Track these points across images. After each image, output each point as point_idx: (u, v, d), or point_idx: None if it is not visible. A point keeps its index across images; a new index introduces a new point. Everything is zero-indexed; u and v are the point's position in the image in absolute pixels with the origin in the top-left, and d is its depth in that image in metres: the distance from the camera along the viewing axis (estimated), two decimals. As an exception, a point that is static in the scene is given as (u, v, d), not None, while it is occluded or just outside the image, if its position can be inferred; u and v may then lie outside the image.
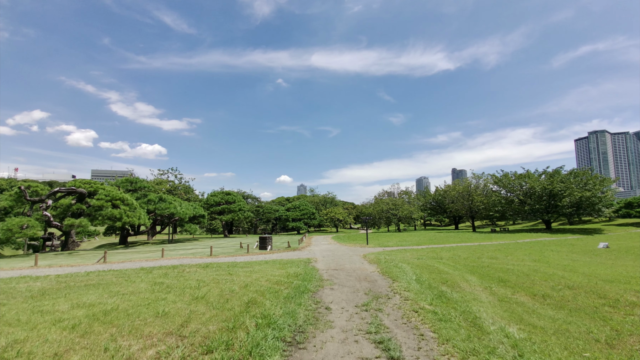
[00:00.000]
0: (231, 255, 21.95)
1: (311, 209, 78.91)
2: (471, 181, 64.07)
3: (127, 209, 28.53)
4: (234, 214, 57.05)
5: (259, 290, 9.93)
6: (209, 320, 6.96)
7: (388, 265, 15.84)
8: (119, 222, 27.84)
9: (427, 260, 17.28)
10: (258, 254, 23.50)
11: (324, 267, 15.73)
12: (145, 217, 30.22)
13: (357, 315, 7.74)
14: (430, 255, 20.11)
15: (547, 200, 49.36)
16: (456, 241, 34.68)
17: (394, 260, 17.79)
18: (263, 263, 16.85)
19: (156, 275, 12.69)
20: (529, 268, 14.03)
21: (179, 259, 19.67)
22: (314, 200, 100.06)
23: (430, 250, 23.39)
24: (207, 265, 15.87)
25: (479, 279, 11.73)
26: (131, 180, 39.80)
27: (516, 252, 21.02)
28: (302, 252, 25.41)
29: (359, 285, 11.41)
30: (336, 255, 21.61)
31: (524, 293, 9.62)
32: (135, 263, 17.62)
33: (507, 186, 54.81)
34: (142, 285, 10.68)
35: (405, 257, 19.46)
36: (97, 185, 30.31)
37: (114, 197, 28.26)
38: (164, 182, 70.13)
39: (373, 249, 27.95)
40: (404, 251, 23.50)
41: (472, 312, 7.58)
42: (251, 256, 21.53)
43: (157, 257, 20.85)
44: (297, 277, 12.54)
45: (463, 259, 17.89)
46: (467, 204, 62.13)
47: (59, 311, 7.62)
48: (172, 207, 37.18)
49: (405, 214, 68.74)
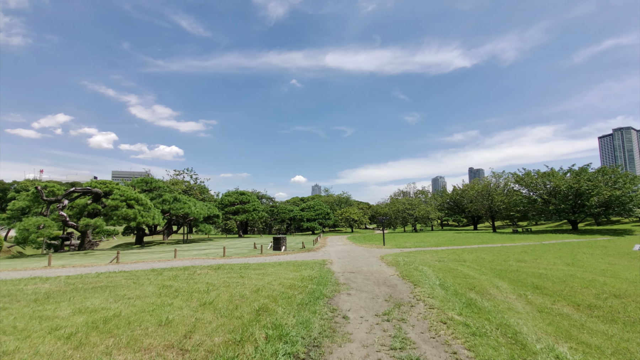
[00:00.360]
0: (244, 256, 21.47)
1: (326, 209, 78.17)
2: (491, 180, 61.83)
3: (141, 208, 28.57)
4: (248, 214, 56.92)
5: (271, 295, 9.28)
6: (215, 331, 6.33)
7: (408, 267, 14.95)
8: (133, 222, 27.91)
9: (449, 263, 16.28)
10: (272, 255, 22.95)
11: (340, 270, 14.98)
12: (159, 217, 30.23)
13: (378, 326, 6.97)
14: (451, 257, 19.05)
15: (573, 200, 47.02)
16: (477, 242, 33.27)
17: (413, 262, 16.87)
18: (276, 265, 16.24)
19: (166, 278, 12.24)
20: (564, 273, 12.87)
21: (192, 259, 19.31)
22: (329, 200, 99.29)
23: (451, 252, 22.28)
24: (218, 267, 15.37)
25: (511, 285, 10.73)
26: (146, 180, 40.09)
27: (545, 255, 19.69)
28: (317, 253, 24.72)
29: (378, 290, 10.61)
30: (352, 257, 20.82)
31: (565, 302, 8.60)
32: (147, 264, 17.34)
33: (529, 185, 52.56)
34: (150, 288, 10.20)
35: (425, 259, 18.49)
36: (112, 185, 30.55)
37: (128, 197, 28.36)
38: (179, 183, 70.86)
39: (390, 250, 27.00)
40: (423, 253, 22.48)
41: (510, 326, 6.68)
42: (264, 257, 20.99)
43: (169, 257, 20.58)
44: (311, 280, 11.84)
45: (488, 261, 16.79)
46: (486, 204, 60.01)
47: (59, 317, 7.17)
48: (186, 207, 37.19)
49: (422, 214, 67.13)
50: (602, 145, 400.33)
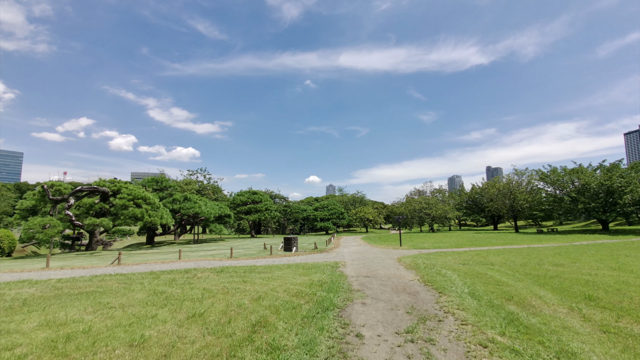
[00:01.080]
0: (252, 258, 20.35)
1: (340, 208, 76.68)
2: (513, 177, 58.89)
3: (149, 208, 27.88)
4: (261, 214, 56.02)
5: (273, 305, 8.01)
6: (196, 355, 5.09)
7: (429, 272, 13.44)
8: (140, 221, 27.27)
9: (475, 267, 14.64)
10: (282, 256, 21.75)
11: (354, 274, 13.60)
12: (168, 216, 29.54)
13: (400, 349, 5.57)
14: (476, 259, 17.35)
15: (604, 198, 43.98)
16: (500, 243, 31.18)
17: (434, 265, 15.31)
18: (285, 267, 14.99)
19: (161, 282, 11.15)
20: (614, 280, 11.09)
21: (197, 261, 18.30)
22: (343, 199, 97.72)
23: (475, 254, 20.51)
24: (222, 269, 14.24)
25: (556, 295, 9.10)
26: (157, 179, 39.66)
27: (583, 258, 17.71)
28: (330, 254, 23.38)
29: (397, 299, 9.19)
30: (367, 259, 19.38)
31: (632, 319, 6.97)
32: (148, 266, 16.40)
33: (555, 183, 49.60)
34: (139, 295, 9.10)
35: (447, 261, 16.87)
36: (121, 184, 30.06)
37: (136, 196, 27.73)
38: (192, 183, 70.81)
39: (407, 251, 25.39)
40: (443, 254, 20.80)
41: (575, 354, 5.16)
42: (274, 259, 19.80)
43: (174, 258, 19.66)
44: (321, 286, 10.53)
45: (519, 265, 15.05)
46: (508, 203, 57.19)
47: (20, 332, 6.09)
48: (196, 206, 36.46)
49: (439, 213, 64.78)
50: (628, 141, 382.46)
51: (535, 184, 55.81)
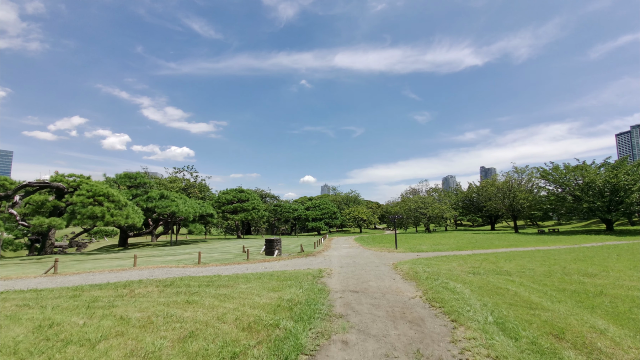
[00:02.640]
0: (224, 264, 17.43)
1: (333, 207, 73.74)
2: (512, 175, 56.49)
3: (111, 206, 24.56)
4: (247, 213, 52.66)
5: (204, 350, 5.15)
6: None
7: (433, 284, 10.69)
8: (100, 221, 24.00)
9: (490, 277, 11.91)
10: (260, 261, 18.88)
11: (339, 287, 10.80)
12: (136, 215, 26.20)
13: None
14: (486, 267, 14.64)
15: (609, 197, 41.73)
16: (504, 245, 28.62)
17: (438, 275, 12.58)
18: (254, 278, 12.12)
19: (73, 305, 8.21)
20: (680, 298, 8.41)
21: (153, 269, 15.32)
22: (336, 199, 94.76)
23: (482, 259, 17.81)
24: (173, 282, 11.31)
25: (620, 327, 6.36)
26: (131, 175, 36.11)
27: (610, 264, 15.08)
28: (316, 258, 20.57)
29: (394, 332, 6.41)
30: (358, 265, 16.61)
31: None
32: (89, 276, 13.39)
33: (557, 180, 47.28)
34: (14, 332, 6.18)
35: (453, 269, 14.15)
36: (82, 179, 26.74)
37: (97, 192, 24.39)
38: (178, 180, 67.36)
39: (404, 254, 22.68)
40: (446, 260, 18.08)
41: None
42: (248, 265, 16.91)
43: (129, 265, 16.62)
44: (291, 310, 7.70)
45: (542, 275, 12.35)
46: (507, 202, 54.80)
47: None
48: (173, 205, 33.08)
49: (435, 213, 62.30)
50: (620, 142, 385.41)
51: (536, 182, 53.53)
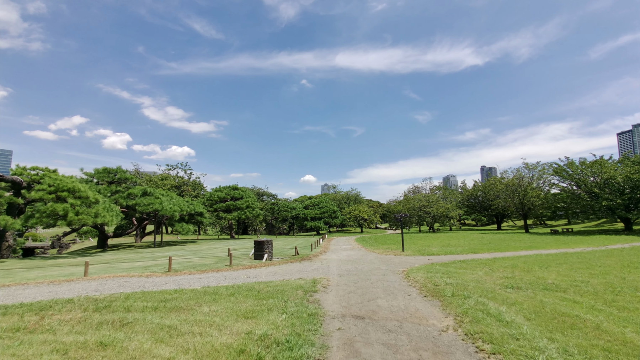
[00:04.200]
0: (200, 271, 14.48)
1: (332, 206, 70.69)
2: (522, 172, 53.38)
3: (77, 203, 21.52)
4: (241, 212, 49.51)
5: None
6: None
7: (465, 306, 7.78)
8: (62, 220, 20.97)
9: (539, 294, 8.96)
10: (245, 267, 15.94)
11: (338, 308, 7.87)
12: (109, 214, 23.08)
13: None
14: (523, 277, 11.68)
15: (629, 194, 38.74)
16: (522, 247, 25.67)
17: (466, 288, 9.66)
18: (227, 295, 9.18)
19: None
20: None
21: (109, 279, 12.36)
22: (336, 197, 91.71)
23: (509, 265, 14.84)
24: (110, 302, 8.36)
25: None
26: (110, 170, 32.86)
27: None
28: (312, 263, 17.63)
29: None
30: (361, 272, 13.67)
31: None
32: (20, 290, 10.43)
33: (572, 177, 44.24)
34: None
35: (480, 279, 11.22)
36: (46, 172, 23.72)
37: (60, 187, 21.31)
38: (170, 178, 64.32)
39: (413, 258, 19.74)
40: (466, 265, 15.11)
41: None
42: (228, 273, 13.97)
43: (80, 274, 13.63)
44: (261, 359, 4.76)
45: (603, 290, 9.39)
46: (517, 200, 51.71)
47: None
48: (156, 202, 30.00)
49: (440, 211, 59.26)
50: (621, 142, 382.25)
51: (549, 179, 50.47)
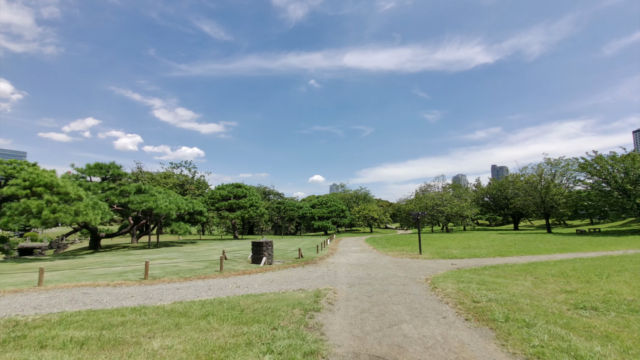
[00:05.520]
0: (183, 279, 12.13)
1: (341, 205, 68.00)
2: (544, 168, 49.78)
3: (55, 199, 19.43)
4: (244, 211, 47.18)
5: None
6: None
7: (537, 341, 5.20)
8: (35, 219, 18.81)
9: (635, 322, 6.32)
10: (237, 273, 13.55)
11: (348, 343, 5.35)
12: (92, 212, 20.86)
13: None
14: (589, 291, 9.00)
15: (667, 191, 35.27)
16: (555, 250, 22.76)
17: (520, 307, 7.09)
18: (198, 318, 6.76)
19: None
20: None
21: (66, 289, 10.09)
22: (345, 196, 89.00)
23: (557, 273, 12.10)
24: (29, 332, 6.01)
25: None
26: (102, 165, 30.68)
27: None
28: (317, 268, 15.16)
29: None
30: (375, 280, 11.14)
31: None
32: None
33: (601, 173, 40.76)
34: None
35: (532, 293, 8.61)
36: (25, 165, 21.74)
37: (35, 182, 19.26)
38: (172, 176, 62.50)
39: (433, 262, 17.11)
40: (501, 272, 12.42)
41: None
42: (215, 281, 11.59)
43: (46, 280, 11.40)
44: None
45: None
46: (538, 198, 48.24)
47: None
48: (151, 200, 27.83)
49: (455, 210, 56.17)
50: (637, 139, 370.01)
51: (574, 175, 46.93)
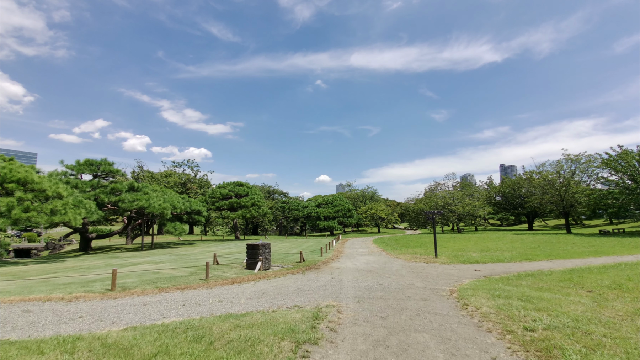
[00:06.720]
0: (158, 289, 10.16)
1: (347, 205, 65.77)
2: (563, 165, 46.87)
3: (28, 197, 17.64)
4: (246, 210, 45.24)
5: None
6: None
7: None
8: (4, 219, 16.91)
9: None
10: (225, 282, 11.55)
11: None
12: (74, 212, 19.04)
13: None
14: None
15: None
16: (588, 253, 20.36)
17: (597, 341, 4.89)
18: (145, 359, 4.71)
19: None
20: None
21: (4, 305, 8.18)
22: (352, 196, 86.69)
23: (613, 284, 9.86)
24: None
25: None
26: (93, 162, 28.78)
27: None
28: (320, 275, 13.08)
29: None
30: (389, 293, 9.03)
31: None
32: None
33: (627, 169, 37.94)
34: None
35: (602, 315, 6.44)
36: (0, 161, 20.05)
37: (7, 178, 17.27)
38: (174, 175, 60.95)
39: (453, 267, 14.92)
40: (540, 281, 10.21)
41: None
42: (194, 293, 9.60)
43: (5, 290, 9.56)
44: None
45: None
46: (557, 197, 45.44)
47: None
48: (143, 199, 26.16)
49: (467, 210, 53.61)
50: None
51: (596, 172, 44.06)
